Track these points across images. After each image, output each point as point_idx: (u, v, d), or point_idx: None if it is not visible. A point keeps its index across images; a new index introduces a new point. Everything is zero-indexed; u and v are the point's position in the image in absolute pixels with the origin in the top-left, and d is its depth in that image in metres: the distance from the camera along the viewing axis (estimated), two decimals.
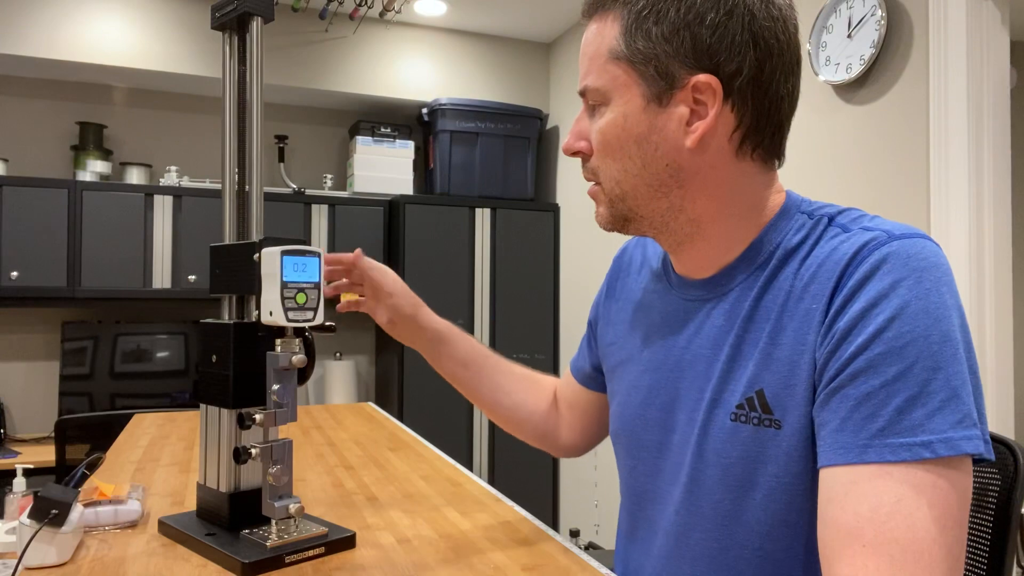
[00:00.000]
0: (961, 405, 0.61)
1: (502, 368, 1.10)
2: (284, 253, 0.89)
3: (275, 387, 0.90)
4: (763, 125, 0.74)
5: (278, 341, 0.91)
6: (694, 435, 0.76)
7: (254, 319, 0.94)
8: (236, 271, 0.95)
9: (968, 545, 0.88)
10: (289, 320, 0.89)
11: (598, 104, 0.77)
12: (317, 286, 0.92)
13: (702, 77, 0.71)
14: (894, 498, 0.59)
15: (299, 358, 0.91)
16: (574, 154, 0.81)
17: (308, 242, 0.92)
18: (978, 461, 0.63)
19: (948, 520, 0.59)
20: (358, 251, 1.07)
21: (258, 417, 0.89)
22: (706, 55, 0.71)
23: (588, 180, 0.81)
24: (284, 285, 0.89)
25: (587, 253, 3.35)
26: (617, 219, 0.80)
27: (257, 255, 0.91)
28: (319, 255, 0.92)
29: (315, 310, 0.91)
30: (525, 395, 1.09)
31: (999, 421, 1.73)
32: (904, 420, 0.60)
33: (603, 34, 0.76)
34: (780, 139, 0.76)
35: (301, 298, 0.90)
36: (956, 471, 0.60)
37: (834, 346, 0.66)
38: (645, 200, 0.77)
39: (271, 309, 0.89)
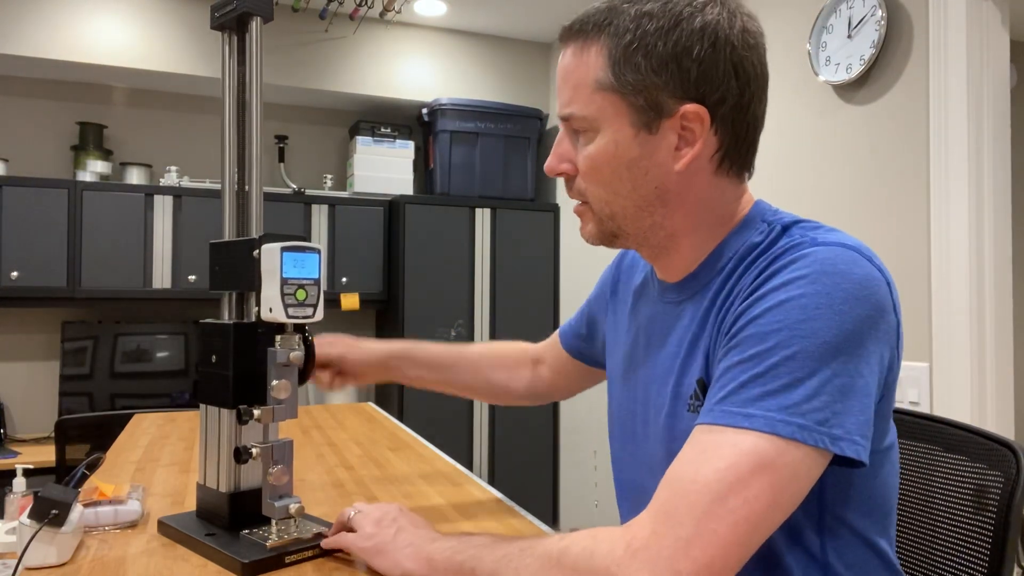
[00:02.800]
0: (796, 394, 0.65)
1: (466, 356, 1.20)
2: (284, 249, 0.89)
3: (275, 383, 0.90)
4: (740, 145, 0.79)
5: (278, 337, 0.91)
6: (662, 428, 0.81)
7: (254, 316, 0.94)
8: (236, 268, 0.95)
9: (969, 545, 0.88)
10: (289, 316, 0.89)
11: (584, 130, 0.80)
12: (317, 282, 0.92)
13: (690, 107, 0.75)
14: (699, 449, 0.66)
15: (297, 354, 0.91)
16: (558, 175, 0.84)
17: (308, 239, 0.92)
18: (849, 462, 0.66)
19: (733, 479, 0.63)
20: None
21: (257, 412, 0.89)
22: (693, 86, 0.75)
23: (573, 199, 0.85)
24: (284, 281, 0.89)
25: (587, 253, 3.35)
26: (605, 235, 0.84)
27: (257, 251, 0.91)
28: (318, 251, 0.92)
29: (315, 306, 0.92)
30: (496, 372, 1.20)
31: (999, 421, 1.73)
32: (742, 393, 0.66)
33: (587, 63, 0.78)
34: (753, 155, 0.82)
35: (301, 294, 0.90)
36: (773, 448, 0.63)
37: (727, 328, 0.73)
38: (632, 219, 0.81)
39: (271, 305, 0.89)
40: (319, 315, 0.92)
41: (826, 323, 0.66)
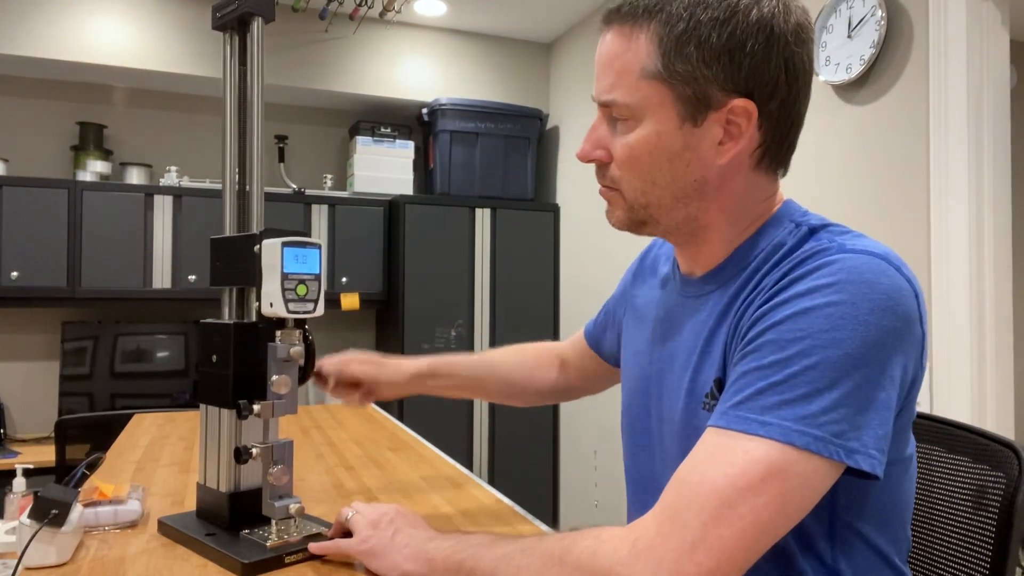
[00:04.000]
0: (814, 405, 0.64)
1: (494, 366, 1.21)
2: (285, 244, 0.89)
3: (275, 378, 0.90)
4: (782, 142, 0.78)
5: (278, 333, 0.91)
6: (677, 424, 0.80)
7: (254, 311, 0.94)
8: (237, 263, 0.95)
9: (970, 546, 0.88)
10: (290, 312, 0.89)
11: (625, 118, 0.78)
12: (317, 278, 0.92)
13: (739, 101, 0.74)
14: (710, 452, 0.66)
15: (298, 349, 0.91)
16: (591, 162, 0.82)
17: (309, 235, 0.92)
18: (862, 473, 0.65)
19: (744, 485, 0.62)
20: (323, 367, 1.14)
21: (257, 408, 0.89)
22: (743, 80, 0.73)
23: (605, 186, 0.83)
24: (285, 276, 0.89)
25: (587, 253, 3.35)
26: (634, 223, 0.83)
27: (258, 247, 0.91)
28: (319, 247, 0.92)
29: (315, 302, 0.92)
30: (523, 377, 1.21)
31: (999, 421, 1.73)
32: (759, 400, 0.65)
33: (634, 50, 0.76)
34: (791, 153, 0.80)
35: (302, 289, 0.90)
36: (786, 458, 0.63)
37: (745, 331, 0.72)
38: (667, 210, 0.80)
39: (271, 300, 0.89)
40: (319, 310, 0.92)
41: (850, 334, 0.64)
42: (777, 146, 0.78)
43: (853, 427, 0.64)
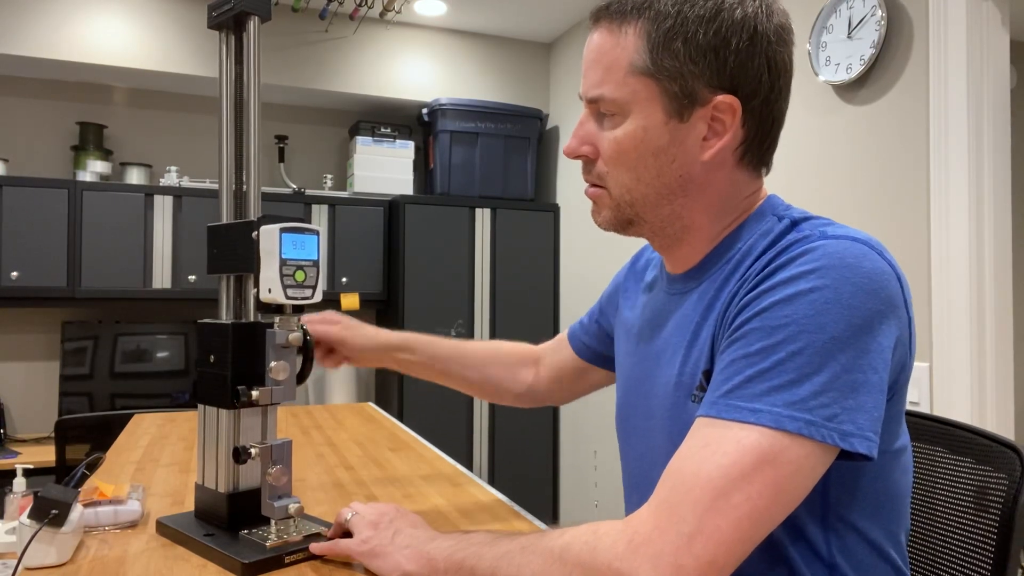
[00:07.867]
0: (803, 390, 0.64)
1: (466, 350, 1.20)
2: (283, 230, 0.89)
3: (273, 364, 0.90)
4: (764, 139, 0.79)
5: (277, 319, 0.91)
6: (666, 419, 0.81)
7: (252, 300, 0.94)
8: (235, 249, 0.94)
9: (971, 546, 0.88)
10: (288, 298, 0.89)
11: (612, 113, 0.79)
12: (316, 264, 0.92)
13: (724, 98, 0.75)
14: (702, 443, 0.66)
15: (296, 335, 0.91)
16: (578, 158, 0.83)
17: (308, 222, 0.93)
18: (857, 455, 0.65)
19: (737, 475, 0.63)
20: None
21: (255, 393, 0.89)
22: (728, 77, 0.75)
23: (590, 183, 0.84)
24: (283, 262, 0.89)
25: (587, 253, 3.35)
26: (621, 222, 0.83)
27: (256, 232, 0.91)
28: (317, 233, 0.92)
29: (314, 288, 0.91)
30: (495, 369, 1.20)
31: (999, 421, 1.73)
32: (748, 388, 0.66)
33: (623, 45, 0.77)
34: (773, 150, 0.82)
35: (300, 275, 0.90)
36: (778, 444, 0.63)
37: (731, 319, 0.72)
38: (652, 207, 0.81)
39: (270, 286, 0.89)
40: (318, 296, 0.92)
41: (834, 317, 0.65)
42: (759, 143, 0.79)
43: (845, 409, 0.64)
